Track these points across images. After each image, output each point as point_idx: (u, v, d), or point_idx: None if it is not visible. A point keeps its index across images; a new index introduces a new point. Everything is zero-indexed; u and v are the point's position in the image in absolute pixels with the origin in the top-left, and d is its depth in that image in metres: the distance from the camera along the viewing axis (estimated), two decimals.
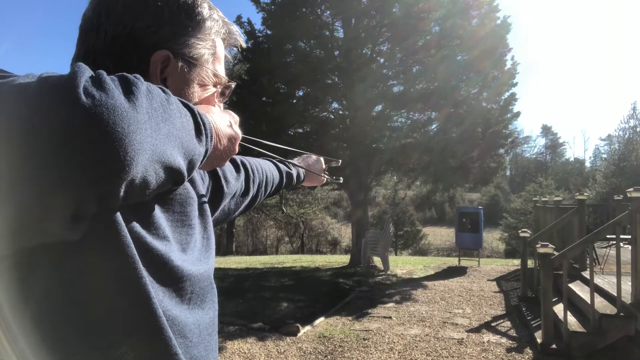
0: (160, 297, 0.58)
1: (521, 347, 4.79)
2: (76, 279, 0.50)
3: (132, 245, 0.53)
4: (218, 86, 0.75)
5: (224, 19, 0.75)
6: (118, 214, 0.52)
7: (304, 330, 5.54)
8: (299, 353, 4.79)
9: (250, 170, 1.06)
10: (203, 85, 0.71)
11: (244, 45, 0.83)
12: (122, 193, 0.45)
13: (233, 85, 0.78)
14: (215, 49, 0.73)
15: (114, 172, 0.42)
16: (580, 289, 5.46)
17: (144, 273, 0.54)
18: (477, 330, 5.46)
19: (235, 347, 4.96)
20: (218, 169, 0.89)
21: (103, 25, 0.65)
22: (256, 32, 11.65)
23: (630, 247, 4.54)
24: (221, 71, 0.75)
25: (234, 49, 0.82)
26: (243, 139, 0.73)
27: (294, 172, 1.28)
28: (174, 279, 0.60)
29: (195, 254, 0.68)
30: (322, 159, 1.36)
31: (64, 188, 0.41)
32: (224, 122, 0.66)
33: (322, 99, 11.50)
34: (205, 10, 0.70)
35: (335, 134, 11.70)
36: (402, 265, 11.69)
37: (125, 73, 0.48)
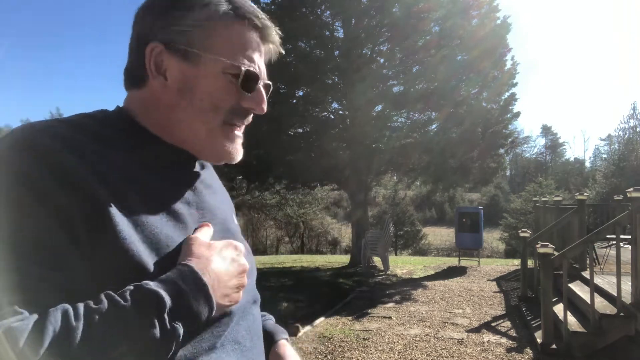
0: None
1: (521, 347, 4.79)
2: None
3: None
4: (237, 76, 0.67)
5: (244, 4, 0.71)
6: None
7: (304, 330, 5.53)
8: (299, 353, 4.73)
9: None
10: (213, 77, 0.66)
11: (280, 34, 0.76)
12: None
13: (255, 72, 0.69)
14: (222, 36, 0.66)
15: None
16: (580, 289, 5.45)
17: None
18: (477, 330, 5.46)
19: None
20: None
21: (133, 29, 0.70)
22: None
23: (630, 247, 4.53)
24: (241, 59, 0.67)
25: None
26: None
27: None
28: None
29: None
30: None
31: None
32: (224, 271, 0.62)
33: (322, 99, 11.49)
34: None
35: (335, 134, 11.69)
36: (402, 265, 11.69)
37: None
